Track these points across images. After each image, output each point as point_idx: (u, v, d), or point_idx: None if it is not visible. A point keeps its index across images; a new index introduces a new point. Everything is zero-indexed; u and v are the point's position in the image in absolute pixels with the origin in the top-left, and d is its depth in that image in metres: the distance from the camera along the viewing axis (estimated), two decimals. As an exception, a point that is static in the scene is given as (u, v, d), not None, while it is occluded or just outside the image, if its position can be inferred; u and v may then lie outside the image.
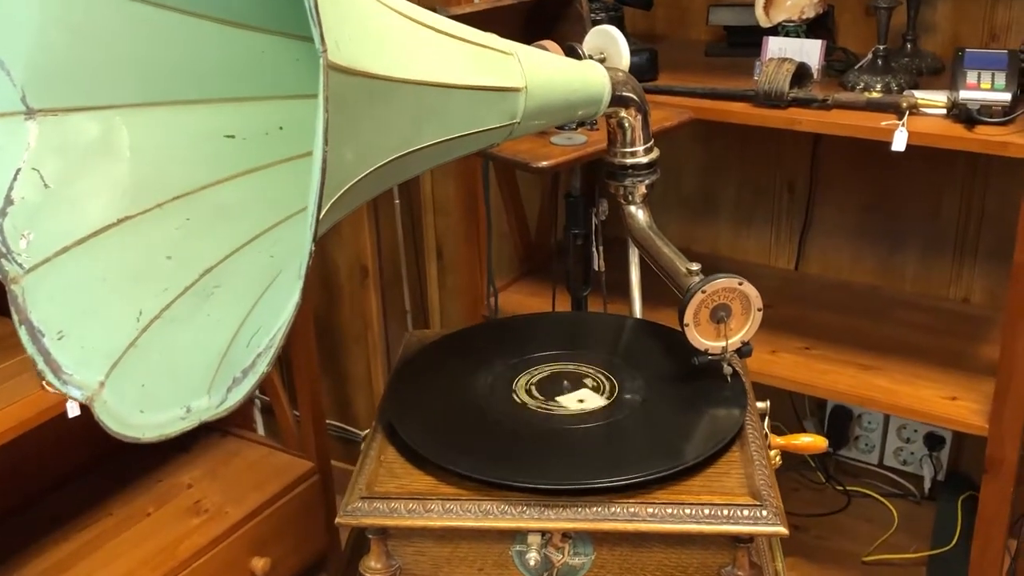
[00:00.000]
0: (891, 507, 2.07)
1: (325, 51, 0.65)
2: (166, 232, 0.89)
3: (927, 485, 2.08)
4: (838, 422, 2.13)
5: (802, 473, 2.17)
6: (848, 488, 2.13)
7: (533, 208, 2.19)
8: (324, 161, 0.63)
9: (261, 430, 2.74)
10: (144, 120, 0.91)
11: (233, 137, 0.95)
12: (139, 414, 0.78)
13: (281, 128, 0.97)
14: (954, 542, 1.90)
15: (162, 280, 0.86)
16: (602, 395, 1.12)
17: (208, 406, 0.74)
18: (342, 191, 0.74)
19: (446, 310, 2.51)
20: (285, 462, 2.33)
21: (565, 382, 1.14)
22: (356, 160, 0.76)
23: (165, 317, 0.84)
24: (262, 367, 0.70)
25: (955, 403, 1.64)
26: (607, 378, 1.15)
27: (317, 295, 2.58)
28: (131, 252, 0.87)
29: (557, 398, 1.12)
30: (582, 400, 1.12)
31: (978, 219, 1.89)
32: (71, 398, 0.80)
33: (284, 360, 2.59)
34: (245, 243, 0.89)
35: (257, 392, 2.66)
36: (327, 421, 2.46)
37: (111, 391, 0.80)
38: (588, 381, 1.15)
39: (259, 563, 2.15)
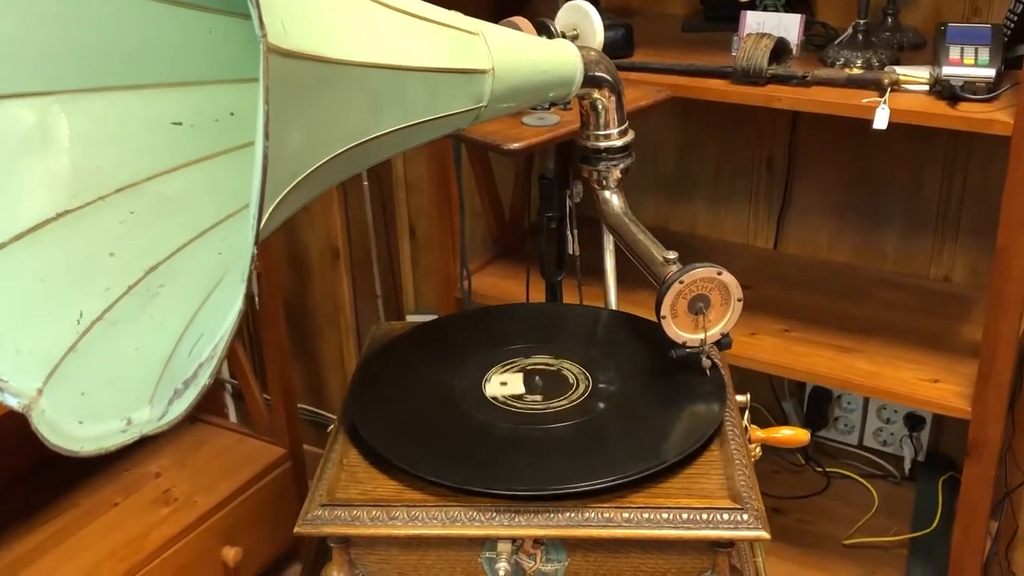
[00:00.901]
0: (871, 488, 2.05)
1: (264, 35, 0.59)
2: (109, 227, 0.83)
3: (907, 466, 2.06)
4: (818, 403, 2.10)
5: (781, 455, 2.14)
6: (828, 469, 2.10)
7: (507, 188, 2.14)
8: (266, 158, 0.57)
9: (233, 416, 2.69)
10: (84, 107, 0.85)
11: (180, 124, 0.89)
12: (78, 425, 0.73)
13: (232, 114, 0.91)
14: (935, 524, 1.88)
15: (104, 279, 0.80)
16: (571, 391, 1.08)
17: (150, 418, 0.69)
18: (292, 184, 0.69)
19: (420, 290, 2.47)
20: (256, 449, 2.29)
21: (537, 378, 1.09)
22: (307, 151, 0.71)
23: (107, 319, 0.78)
24: (204, 378, 0.65)
25: (937, 386, 1.61)
26: (581, 373, 1.11)
27: (287, 277, 2.53)
28: (71, 249, 0.82)
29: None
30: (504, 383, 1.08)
31: (960, 196, 1.86)
32: (7, 407, 0.75)
33: (254, 344, 2.54)
34: (193, 238, 0.83)
35: (228, 376, 2.60)
36: (299, 405, 2.41)
37: (49, 400, 0.75)
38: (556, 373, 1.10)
39: (230, 552, 2.11)
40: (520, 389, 1.08)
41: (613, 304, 1.39)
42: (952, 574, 1.67)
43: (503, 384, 1.09)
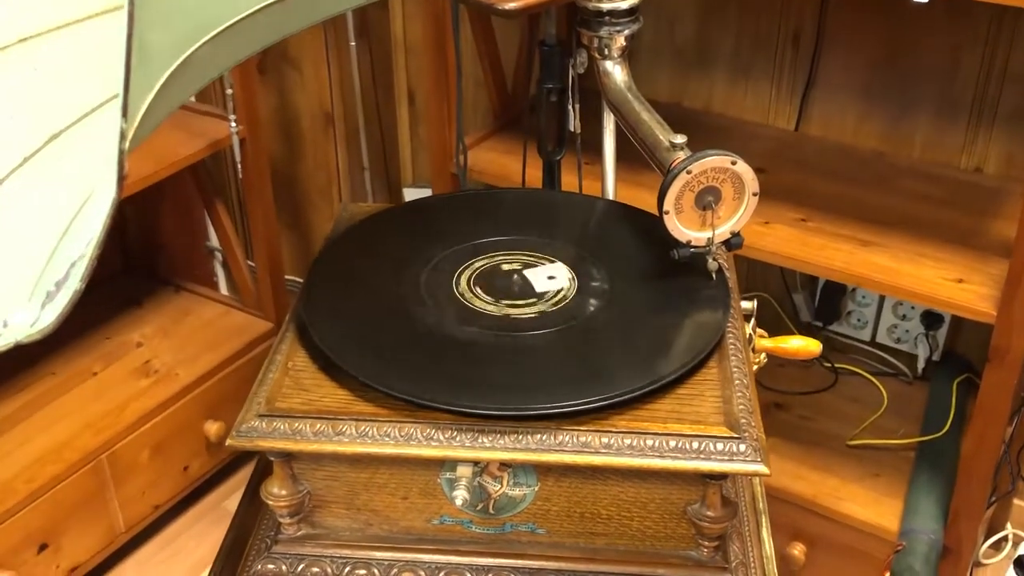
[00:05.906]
0: (881, 387, 1.95)
1: None
2: (8, 84, 0.70)
3: (921, 365, 1.96)
4: (830, 296, 1.99)
5: (788, 349, 2.05)
6: (836, 365, 2.01)
7: (511, 56, 1.98)
8: (131, 3, 0.44)
9: (223, 286, 2.58)
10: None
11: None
12: (-51, 325, 0.62)
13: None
14: (947, 427, 1.79)
15: (-2, 147, 0.68)
16: (554, 294, 0.95)
17: (22, 323, 0.58)
18: (198, 43, 0.56)
19: (418, 162, 2.33)
20: (242, 321, 2.22)
21: (515, 277, 0.96)
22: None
23: (-5, 198, 0.66)
24: (75, 281, 0.53)
25: (961, 286, 1.49)
26: (567, 273, 0.98)
27: (277, 144, 2.39)
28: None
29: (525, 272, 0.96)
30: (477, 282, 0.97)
31: (999, 79, 1.71)
32: None
33: (242, 212, 2.43)
34: (104, 101, 0.70)
35: (215, 245, 2.49)
36: (288, 277, 2.31)
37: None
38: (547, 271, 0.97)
39: (213, 427, 2.06)
40: (495, 289, 0.95)
41: (611, 194, 1.25)
42: (961, 480, 1.60)
43: (475, 283, 0.96)
